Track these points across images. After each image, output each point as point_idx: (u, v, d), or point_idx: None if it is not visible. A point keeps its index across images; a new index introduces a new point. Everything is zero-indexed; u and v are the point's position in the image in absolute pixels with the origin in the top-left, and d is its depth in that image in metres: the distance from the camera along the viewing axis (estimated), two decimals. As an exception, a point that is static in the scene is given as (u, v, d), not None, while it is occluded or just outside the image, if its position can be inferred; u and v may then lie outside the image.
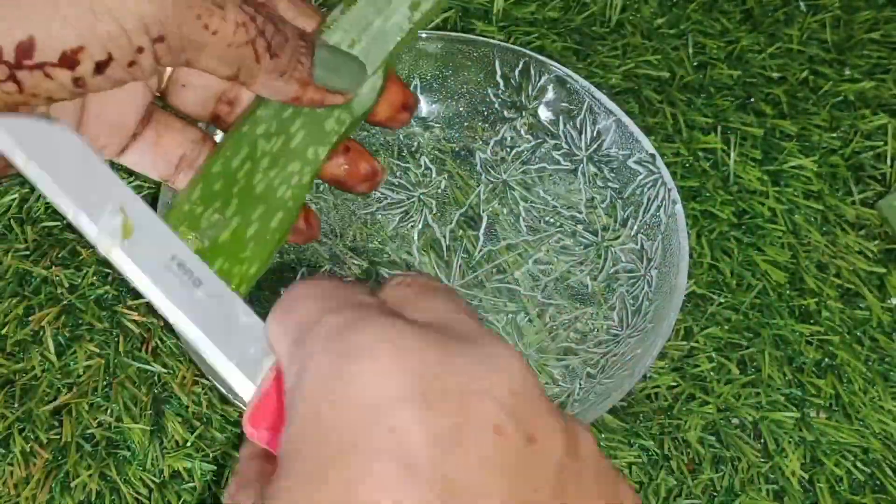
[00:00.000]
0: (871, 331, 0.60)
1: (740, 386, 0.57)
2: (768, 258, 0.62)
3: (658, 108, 0.68)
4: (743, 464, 0.55)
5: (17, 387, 0.54)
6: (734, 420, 0.57)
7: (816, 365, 0.59)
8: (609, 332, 0.56)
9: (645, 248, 0.56)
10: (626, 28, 0.72)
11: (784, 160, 0.66)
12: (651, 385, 0.57)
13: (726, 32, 0.72)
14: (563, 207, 0.61)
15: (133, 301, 0.57)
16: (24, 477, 0.52)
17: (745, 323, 0.60)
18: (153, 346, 0.56)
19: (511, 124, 0.62)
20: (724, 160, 0.65)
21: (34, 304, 0.57)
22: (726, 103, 0.68)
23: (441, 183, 0.62)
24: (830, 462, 0.55)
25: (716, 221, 0.63)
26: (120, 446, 0.53)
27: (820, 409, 0.57)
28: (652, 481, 0.54)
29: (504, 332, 0.57)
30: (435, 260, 0.59)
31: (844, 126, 0.68)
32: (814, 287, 0.61)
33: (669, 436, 0.56)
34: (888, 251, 0.63)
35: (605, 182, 0.59)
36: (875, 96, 0.70)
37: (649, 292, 0.55)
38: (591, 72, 0.69)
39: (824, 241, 0.63)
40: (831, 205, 0.65)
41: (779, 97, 0.69)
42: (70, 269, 0.58)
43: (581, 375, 0.54)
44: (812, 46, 0.72)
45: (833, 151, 0.67)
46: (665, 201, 0.55)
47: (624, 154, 0.58)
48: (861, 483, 0.55)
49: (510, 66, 0.60)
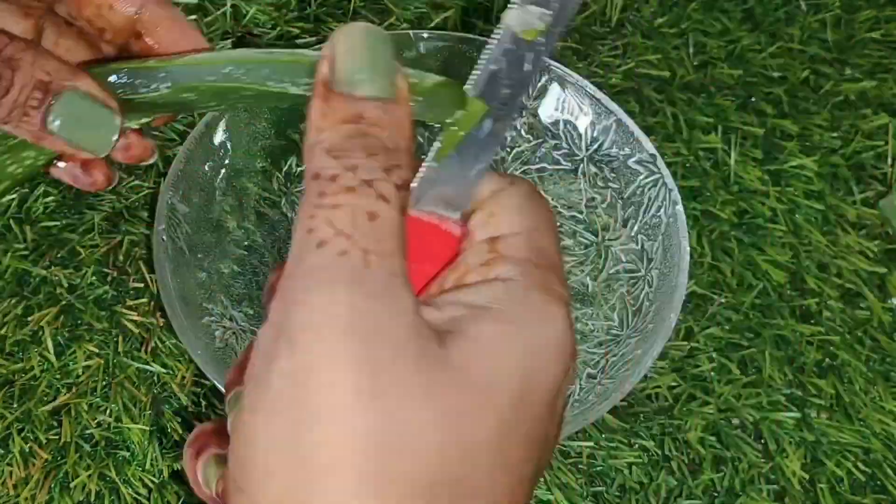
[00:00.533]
0: (872, 331, 0.60)
1: (741, 386, 0.57)
2: (769, 258, 0.62)
3: (658, 108, 0.68)
4: (744, 464, 0.55)
5: (17, 387, 0.54)
6: (735, 420, 0.57)
7: (817, 365, 0.59)
8: (609, 333, 0.56)
9: (645, 249, 0.56)
10: (626, 27, 0.72)
11: (785, 160, 0.66)
12: (651, 385, 0.57)
13: (727, 32, 0.72)
14: (563, 207, 0.61)
15: (133, 301, 0.57)
16: (23, 477, 0.51)
17: (746, 323, 0.59)
18: (152, 347, 0.56)
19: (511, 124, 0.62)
20: (725, 160, 0.65)
21: (33, 304, 0.57)
22: (727, 103, 0.68)
23: (441, 183, 0.62)
24: (831, 462, 0.55)
25: (716, 221, 0.63)
26: (119, 446, 0.53)
27: (821, 409, 0.57)
28: (652, 482, 0.54)
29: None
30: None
31: (845, 126, 0.68)
32: (814, 287, 0.61)
33: (670, 436, 0.55)
34: (889, 251, 0.63)
35: (605, 182, 0.59)
36: (876, 96, 0.70)
37: (650, 292, 0.54)
38: (591, 72, 0.69)
39: (825, 241, 0.63)
40: (832, 205, 0.65)
41: (779, 97, 0.69)
42: (69, 269, 0.58)
43: (581, 376, 0.54)
44: (813, 46, 0.72)
45: (834, 151, 0.67)
46: (665, 201, 0.55)
47: (624, 154, 0.58)
48: (862, 483, 0.55)
49: (510, 65, 0.60)
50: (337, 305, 0.23)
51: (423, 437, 0.23)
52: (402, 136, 0.26)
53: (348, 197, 0.24)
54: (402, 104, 0.26)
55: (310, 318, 0.23)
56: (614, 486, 0.54)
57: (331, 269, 0.24)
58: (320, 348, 0.23)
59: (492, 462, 0.24)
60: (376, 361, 0.23)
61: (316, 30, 0.68)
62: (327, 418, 0.22)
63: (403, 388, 0.23)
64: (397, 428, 0.23)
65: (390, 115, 0.26)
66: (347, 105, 0.26)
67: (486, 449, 0.24)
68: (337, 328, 0.23)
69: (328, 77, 0.26)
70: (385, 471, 0.22)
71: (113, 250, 0.59)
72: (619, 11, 0.72)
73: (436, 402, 0.23)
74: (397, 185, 0.25)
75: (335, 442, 0.22)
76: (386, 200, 0.25)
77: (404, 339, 0.23)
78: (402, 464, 0.22)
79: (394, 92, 0.26)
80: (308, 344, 0.23)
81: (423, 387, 0.23)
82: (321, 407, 0.23)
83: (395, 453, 0.22)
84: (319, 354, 0.23)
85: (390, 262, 0.24)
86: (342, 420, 0.22)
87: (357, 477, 0.22)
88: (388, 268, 0.24)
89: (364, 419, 0.22)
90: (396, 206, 0.25)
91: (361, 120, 0.26)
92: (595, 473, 0.54)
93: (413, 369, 0.23)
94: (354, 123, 0.26)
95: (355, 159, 0.25)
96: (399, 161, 0.26)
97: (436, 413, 0.23)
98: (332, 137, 0.25)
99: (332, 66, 0.26)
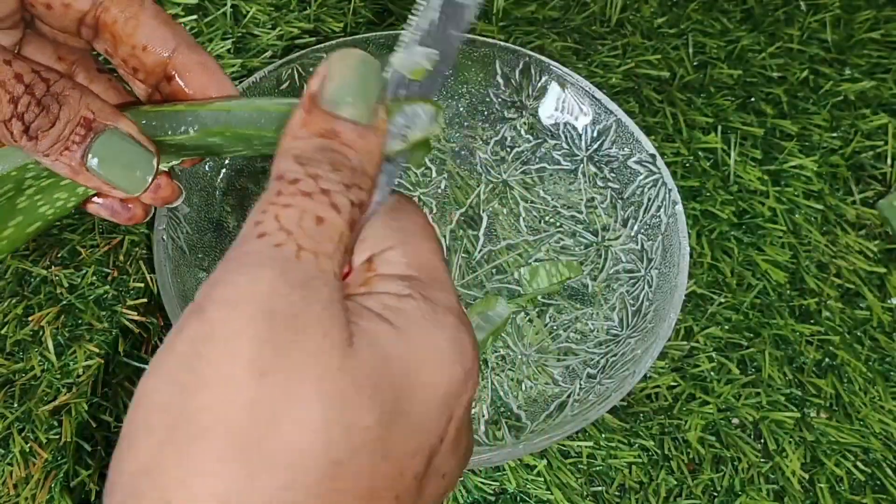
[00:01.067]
0: (872, 331, 0.60)
1: (740, 386, 0.57)
2: (768, 258, 0.62)
3: (658, 108, 0.68)
4: (743, 464, 0.55)
5: (17, 387, 0.54)
6: (734, 420, 0.57)
7: (817, 365, 0.59)
8: (609, 333, 0.56)
9: (645, 249, 0.56)
10: (626, 27, 0.72)
11: (784, 160, 0.66)
12: (651, 385, 0.57)
13: (726, 32, 0.72)
14: (563, 207, 0.61)
15: (133, 301, 0.57)
16: (23, 477, 0.52)
17: (746, 323, 0.60)
18: (153, 346, 0.56)
19: (511, 124, 0.62)
20: (725, 160, 0.65)
21: (34, 304, 0.57)
22: (726, 103, 0.68)
23: (441, 183, 0.62)
24: (831, 462, 0.55)
25: (716, 221, 0.63)
26: (119, 446, 0.53)
27: (820, 409, 0.57)
28: (652, 481, 0.54)
29: (505, 333, 0.57)
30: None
31: (845, 126, 0.68)
32: (814, 287, 0.61)
33: (669, 436, 0.56)
34: (888, 251, 0.63)
35: (605, 182, 0.59)
36: (875, 96, 0.70)
37: (649, 292, 0.55)
38: (591, 72, 0.69)
39: (824, 241, 0.63)
40: (831, 205, 0.65)
41: (779, 97, 0.69)
42: (69, 269, 0.58)
43: (581, 376, 0.54)
44: (812, 46, 0.72)
45: (833, 151, 0.67)
46: (665, 201, 0.55)
47: (624, 154, 0.58)
48: (861, 483, 0.55)
49: (510, 66, 0.60)
50: (256, 287, 0.24)
51: (305, 415, 0.23)
52: (371, 162, 0.28)
53: (302, 200, 0.26)
54: (377, 134, 0.28)
55: (227, 294, 0.24)
56: (614, 485, 0.54)
57: (262, 255, 0.25)
58: (227, 321, 0.24)
59: (373, 449, 0.24)
60: (277, 343, 0.24)
61: (316, 30, 0.68)
62: (215, 385, 0.23)
63: (297, 369, 0.23)
64: (281, 404, 0.23)
65: (364, 140, 0.28)
66: (326, 120, 0.28)
67: (369, 436, 0.24)
68: (249, 306, 0.24)
69: (316, 92, 0.28)
70: (257, 441, 0.23)
71: (113, 250, 0.59)
72: (618, 11, 0.72)
73: (324, 387, 0.24)
74: (353, 201, 0.26)
75: (217, 408, 0.23)
76: (337, 210, 0.26)
77: (312, 327, 0.24)
78: (278, 437, 0.23)
79: (373, 121, 0.28)
80: (217, 316, 0.24)
81: (317, 371, 0.24)
82: (212, 375, 0.23)
83: (273, 426, 0.23)
84: (224, 326, 0.24)
85: (322, 261, 0.25)
86: (229, 389, 0.23)
87: (229, 442, 0.23)
88: (319, 265, 0.25)
89: (250, 391, 0.23)
90: (346, 217, 0.26)
91: (336, 137, 0.27)
92: (595, 473, 0.54)
93: (312, 354, 0.24)
94: (328, 139, 0.27)
95: (320, 170, 0.26)
96: (361, 183, 0.27)
97: (322, 396, 0.24)
98: (304, 146, 0.27)
99: (323, 83, 0.28)
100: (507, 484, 0.53)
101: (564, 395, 0.54)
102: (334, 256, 0.26)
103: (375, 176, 0.28)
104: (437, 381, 0.26)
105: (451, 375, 0.27)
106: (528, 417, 0.54)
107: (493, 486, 0.53)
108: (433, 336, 0.27)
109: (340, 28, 0.69)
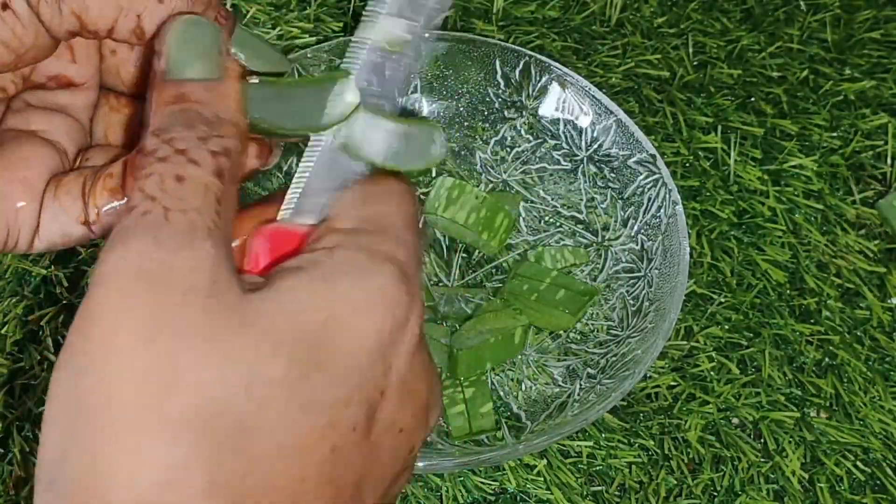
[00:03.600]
0: (872, 330, 0.60)
1: (740, 386, 0.57)
2: (768, 258, 0.62)
3: (658, 108, 0.68)
4: (743, 464, 0.55)
5: (17, 386, 0.54)
6: (734, 420, 0.57)
7: (817, 365, 0.59)
8: (609, 333, 0.56)
9: (645, 248, 0.56)
10: (626, 27, 0.72)
11: (784, 160, 0.66)
12: (651, 385, 0.57)
13: (726, 32, 0.72)
14: (563, 207, 0.61)
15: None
16: (23, 476, 0.52)
17: (746, 323, 0.60)
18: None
19: (511, 124, 0.62)
20: (724, 160, 0.65)
21: (33, 304, 0.57)
22: (726, 103, 0.68)
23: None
24: (831, 462, 0.55)
25: (716, 221, 0.63)
26: (120, 446, 0.53)
27: (820, 408, 0.57)
28: (652, 481, 0.54)
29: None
30: (435, 260, 0.59)
31: (844, 125, 0.68)
32: (814, 287, 0.61)
33: (669, 436, 0.56)
34: (888, 251, 0.63)
35: (605, 182, 0.59)
36: (875, 96, 0.70)
37: (649, 292, 0.55)
38: (591, 71, 0.69)
39: (824, 241, 0.63)
40: (831, 204, 0.65)
41: (779, 96, 0.69)
42: (69, 269, 0.58)
43: (581, 376, 0.54)
44: (812, 46, 0.72)
45: (833, 151, 0.67)
46: (665, 201, 0.55)
47: (624, 154, 0.58)
48: (861, 483, 0.55)
49: (510, 65, 0.60)
50: (127, 256, 0.24)
51: (201, 373, 0.23)
52: (225, 108, 0.28)
53: (159, 165, 0.26)
54: (227, 82, 0.28)
55: (100, 272, 0.24)
56: (614, 485, 0.54)
57: (130, 227, 0.25)
58: (105, 297, 0.24)
59: (286, 399, 0.24)
60: (161, 305, 0.23)
61: (316, 30, 0.68)
62: (102, 361, 0.23)
63: (186, 330, 0.23)
64: (174, 366, 0.23)
65: (213, 92, 0.28)
66: (173, 88, 0.28)
67: (279, 388, 0.24)
68: (124, 277, 0.24)
69: (159, 69, 0.28)
70: (160, 405, 0.23)
71: (113, 250, 0.59)
72: (618, 11, 0.72)
73: (218, 343, 0.24)
74: (214, 151, 0.26)
75: (109, 382, 0.23)
76: (196, 164, 0.26)
77: (196, 285, 0.24)
78: (178, 398, 0.23)
79: (220, 73, 0.28)
80: (93, 294, 0.24)
81: (207, 329, 0.24)
82: (98, 352, 0.23)
83: (170, 388, 0.23)
84: (103, 303, 0.24)
85: (193, 217, 0.25)
86: (118, 362, 0.23)
87: (131, 411, 0.23)
88: (189, 222, 0.25)
89: (141, 359, 0.23)
90: (210, 169, 0.26)
91: (185, 100, 0.27)
92: (595, 473, 0.54)
93: (200, 313, 0.24)
94: (178, 104, 0.27)
95: (174, 133, 0.26)
96: (219, 131, 0.27)
97: (217, 352, 0.23)
98: (158, 119, 0.27)
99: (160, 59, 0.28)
100: (507, 484, 0.53)
101: (564, 396, 0.54)
102: (204, 209, 0.25)
103: (236, 121, 0.28)
104: (364, 330, 0.26)
105: (381, 324, 0.26)
106: (528, 418, 0.54)
107: (492, 486, 0.53)
108: (360, 286, 0.26)
109: (340, 28, 0.69)
